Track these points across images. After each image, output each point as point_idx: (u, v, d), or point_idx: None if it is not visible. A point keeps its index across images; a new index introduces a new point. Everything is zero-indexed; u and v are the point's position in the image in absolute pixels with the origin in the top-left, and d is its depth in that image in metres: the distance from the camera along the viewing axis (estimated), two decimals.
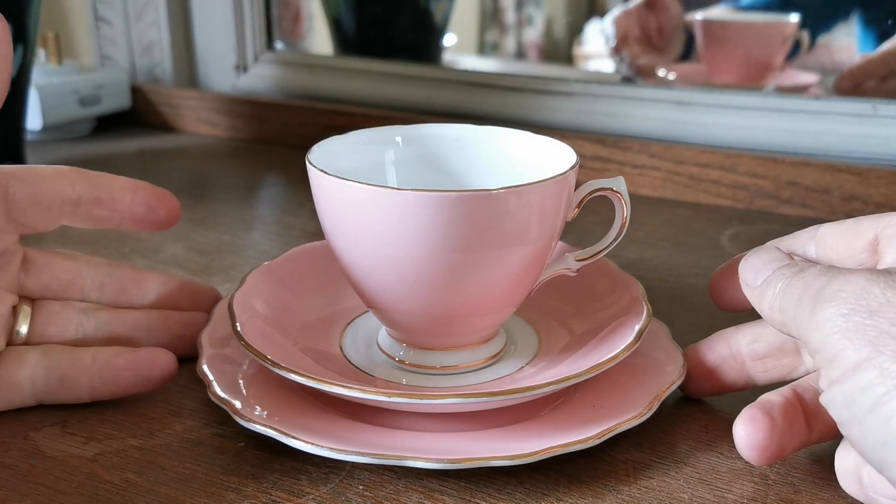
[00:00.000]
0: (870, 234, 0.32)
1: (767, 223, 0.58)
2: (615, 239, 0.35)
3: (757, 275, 0.31)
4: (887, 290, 0.26)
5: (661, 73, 0.83)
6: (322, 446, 0.29)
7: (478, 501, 0.29)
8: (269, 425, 0.30)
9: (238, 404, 0.32)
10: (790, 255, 0.32)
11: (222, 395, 0.32)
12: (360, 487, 0.30)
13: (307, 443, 0.29)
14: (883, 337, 0.25)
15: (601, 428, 0.31)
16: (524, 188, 0.30)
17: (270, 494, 0.30)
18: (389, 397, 0.30)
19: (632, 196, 0.63)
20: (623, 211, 0.35)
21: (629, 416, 0.31)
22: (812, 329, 0.27)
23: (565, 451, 0.30)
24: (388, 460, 0.29)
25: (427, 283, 0.31)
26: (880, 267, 0.31)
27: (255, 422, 0.31)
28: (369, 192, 0.30)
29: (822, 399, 0.27)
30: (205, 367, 0.34)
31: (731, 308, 0.36)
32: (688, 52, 0.81)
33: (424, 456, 0.29)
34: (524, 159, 0.37)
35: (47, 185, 0.35)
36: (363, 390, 0.30)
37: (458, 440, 0.31)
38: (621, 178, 0.34)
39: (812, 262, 0.30)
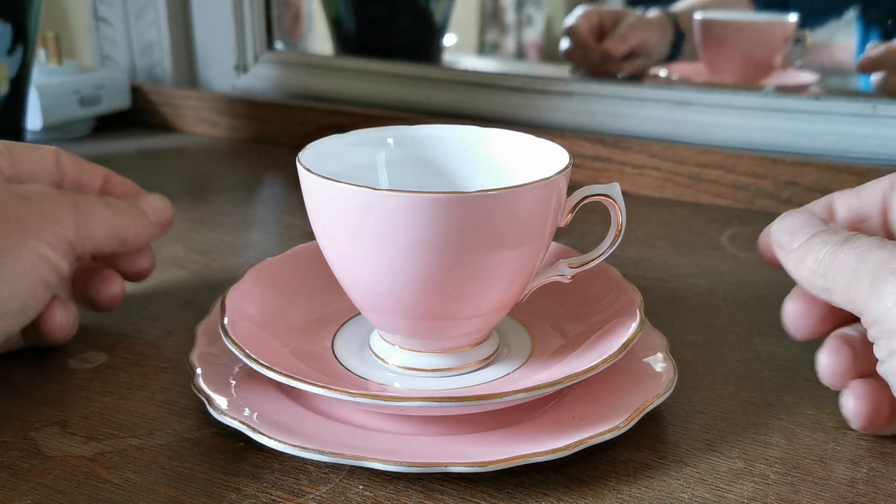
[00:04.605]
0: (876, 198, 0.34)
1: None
2: (610, 246, 0.35)
3: (793, 237, 0.32)
4: None
5: (661, 73, 0.83)
6: (284, 442, 0.29)
7: (478, 501, 0.29)
8: (240, 419, 0.31)
9: (214, 396, 0.32)
10: (824, 221, 0.33)
11: (202, 385, 0.33)
12: (360, 487, 0.30)
13: (270, 437, 0.30)
14: None
15: (573, 440, 0.30)
16: (503, 192, 0.30)
17: (270, 494, 0.30)
18: (354, 397, 0.30)
19: (632, 196, 0.63)
20: (618, 218, 0.34)
21: (605, 428, 0.31)
22: (872, 300, 0.28)
23: (529, 462, 0.29)
24: (346, 459, 0.29)
25: (406, 285, 0.31)
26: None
27: (225, 414, 0.31)
28: (348, 192, 0.30)
29: (882, 369, 0.29)
30: (193, 359, 0.35)
31: (777, 265, 0.35)
32: (681, 52, 0.81)
33: (383, 458, 0.29)
34: (519, 161, 0.37)
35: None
36: (325, 387, 0.30)
37: (426, 444, 0.31)
38: (616, 184, 0.34)
39: (853, 231, 0.31)
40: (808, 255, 0.31)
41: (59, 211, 0.36)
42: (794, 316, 0.35)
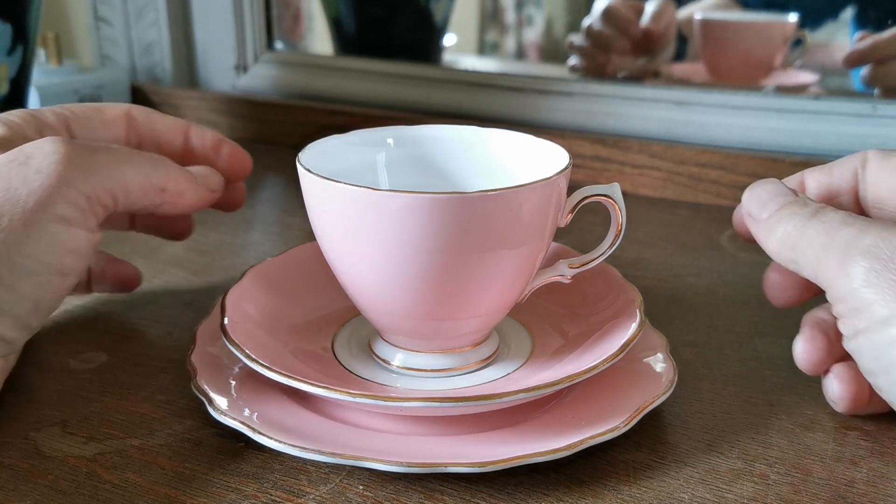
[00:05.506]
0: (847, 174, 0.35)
1: None
2: (610, 246, 0.35)
3: (763, 207, 0.32)
4: None
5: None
6: (284, 443, 0.29)
7: (478, 501, 0.29)
8: (240, 419, 0.31)
9: (214, 396, 0.32)
10: (794, 191, 0.33)
11: (202, 385, 0.33)
12: (360, 487, 0.30)
13: (270, 438, 0.30)
14: None
15: (573, 440, 0.30)
16: (504, 192, 0.30)
17: (270, 494, 0.30)
18: (354, 398, 0.30)
19: (632, 196, 0.63)
20: (618, 218, 0.34)
21: (604, 428, 0.31)
22: (839, 278, 0.28)
23: (529, 462, 0.29)
24: (346, 460, 0.29)
25: (407, 285, 0.31)
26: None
27: (225, 415, 0.31)
28: (348, 192, 0.30)
29: (849, 345, 0.29)
30: (192, 359, 0.35)
31: (750, 238, 0.35)
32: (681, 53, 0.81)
33: (383, 458, 0.29)
34: (519, 161, 0.37)
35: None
36: (325, 387, 0.30)
37: (426, 444, 0.31)
38: (616, 184, 0.34)
39: (820, 203, 0.32)
40: (779, 226, 0.32)
41: (68, 168, 0.32)
42: (775, 285, 0.35)
